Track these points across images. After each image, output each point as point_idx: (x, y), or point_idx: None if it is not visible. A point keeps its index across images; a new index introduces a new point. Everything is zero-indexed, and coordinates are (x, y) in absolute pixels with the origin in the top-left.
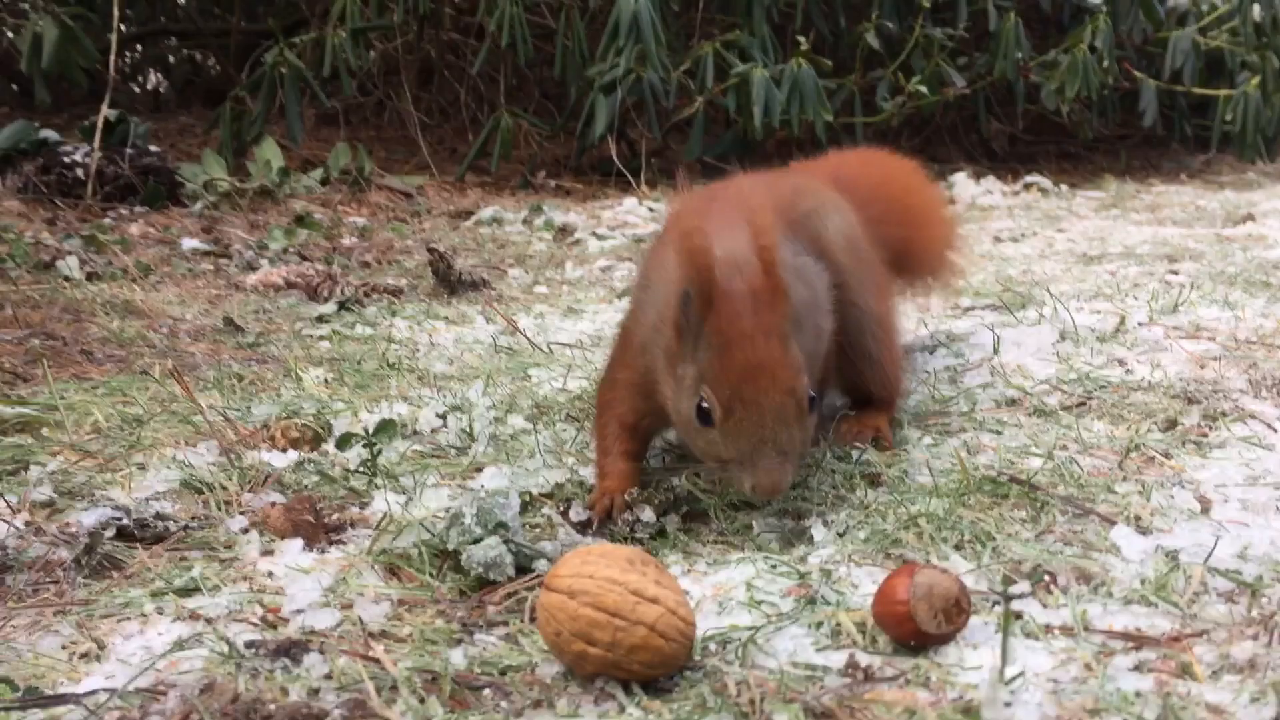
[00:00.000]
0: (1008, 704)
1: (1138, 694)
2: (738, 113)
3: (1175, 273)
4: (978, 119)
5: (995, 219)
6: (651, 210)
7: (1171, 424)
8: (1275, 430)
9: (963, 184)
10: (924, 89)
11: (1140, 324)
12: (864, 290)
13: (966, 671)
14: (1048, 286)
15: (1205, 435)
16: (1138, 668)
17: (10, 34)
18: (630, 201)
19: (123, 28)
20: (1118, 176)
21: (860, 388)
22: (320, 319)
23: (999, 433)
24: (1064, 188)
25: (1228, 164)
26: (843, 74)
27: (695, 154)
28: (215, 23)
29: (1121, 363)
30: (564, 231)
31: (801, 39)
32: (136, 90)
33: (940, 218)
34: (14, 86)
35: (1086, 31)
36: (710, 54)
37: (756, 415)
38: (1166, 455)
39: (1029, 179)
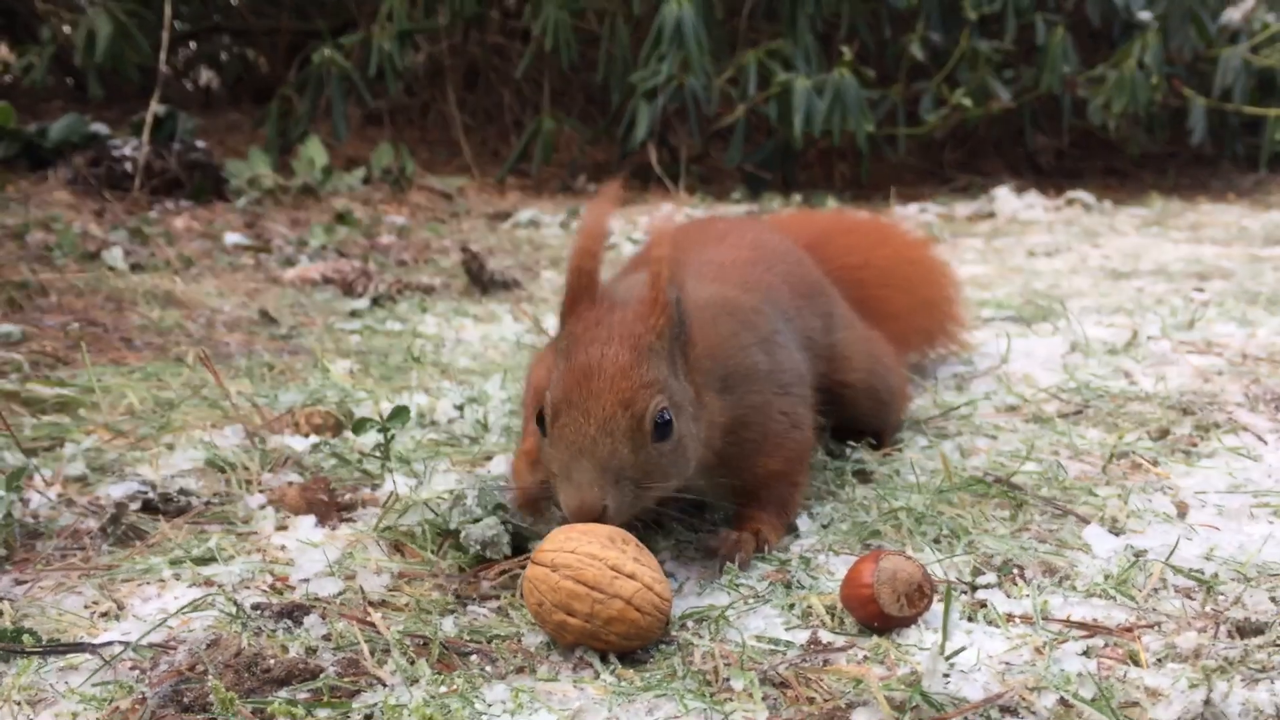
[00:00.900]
0: (946, 675)
1: (1079, 674)
2: (779, 121)
3: (1201, 290)
4: (1024, 133)
5: (1033, 233)
6: (688, 217)
7: (1164, 433)
8: (1265, 442)
9: (1004, 198)
10: (968, 101)
11: (1150, 338)
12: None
13: (922, 651)
14: (1063, 300)
15: (1195, 445)
16: (1086, 653)
17: (67, 28)
18: (668, 207)
19: (176, 24)
20: (1164, 194)
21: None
22: (353, 314)
23: (994, 437)
24: (1108, 204)
25: (1278, 184)
26: (887, 85)
27: (736, 161)
28: (266, 21)
29: (1127, 374)
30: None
31: (845, 49)
32: (188, 86)
33: (941, 283)
34: (68, 80)
35: (1136, 47)
36: (753, 62)
37: (581, 422)
38: (1154, 462)
39: (1072, 194)
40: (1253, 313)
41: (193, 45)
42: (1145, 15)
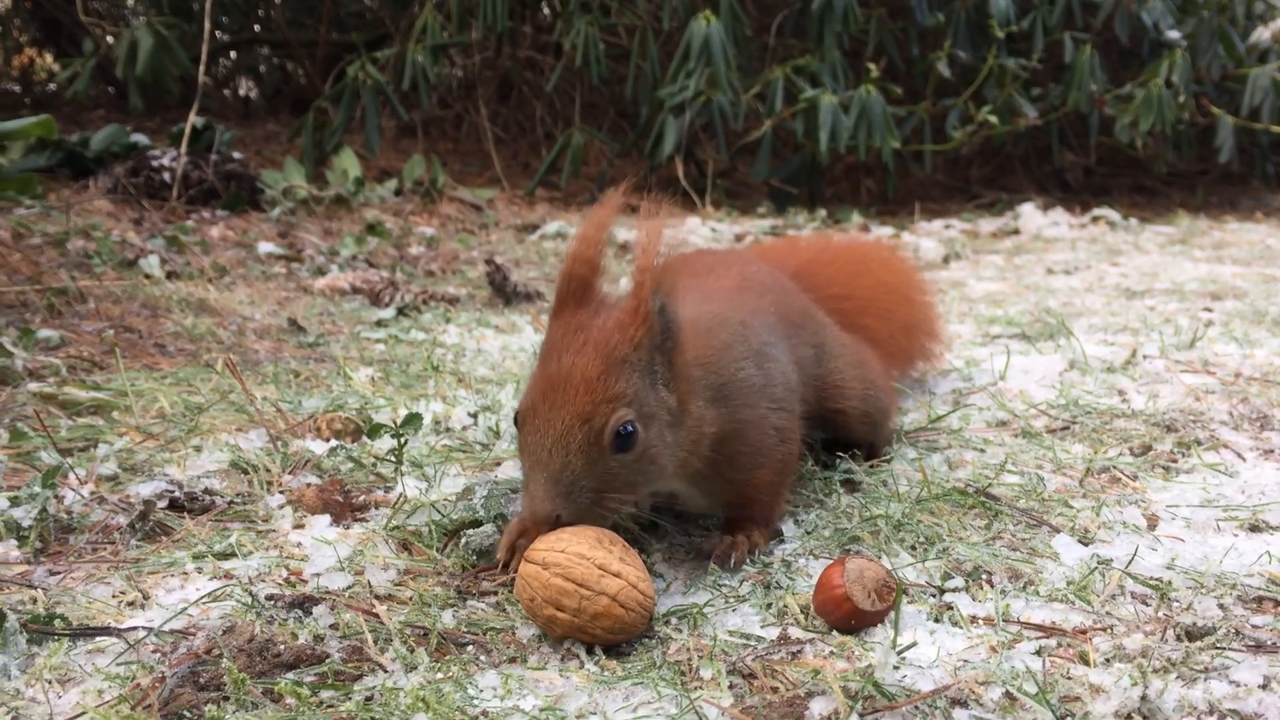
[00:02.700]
0: (897, 668)
1: (1026, 670)
2: (805, 137)
3: (1210, 310)
4: (1051, 150)
5: (1055, 251)
6: (714, 231)
7: (1146, 449)
8: (1244, 459)
9: (1029, 215)
10: (995, 119)
11: (1146, 357)
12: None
13: (884, 649)
14: (1063, 319)
15: (1175, 461)
16: (1038, 652)
17: (110, 39)
18: (693, 221)
19: (217, 34)
20: (1192, 212)
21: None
22: (379, 323)
23: (982, 450)
24: (1133, 222)
25: None
26: (914, 101)
27: (762, 176)
28: (305, 33)
29: (1121, 392)
30: (624, 248)
31: (872, 66)
32: (228, 95)
33: (920, 305)
34: (110, 89)
35: (1164, 66)
36: (780, 78)
37: (541, 434)
38: (1133, 477)
39: (1097, 212)
40: (1255, 333)
41: (233, 55)
42: (1174, 34)
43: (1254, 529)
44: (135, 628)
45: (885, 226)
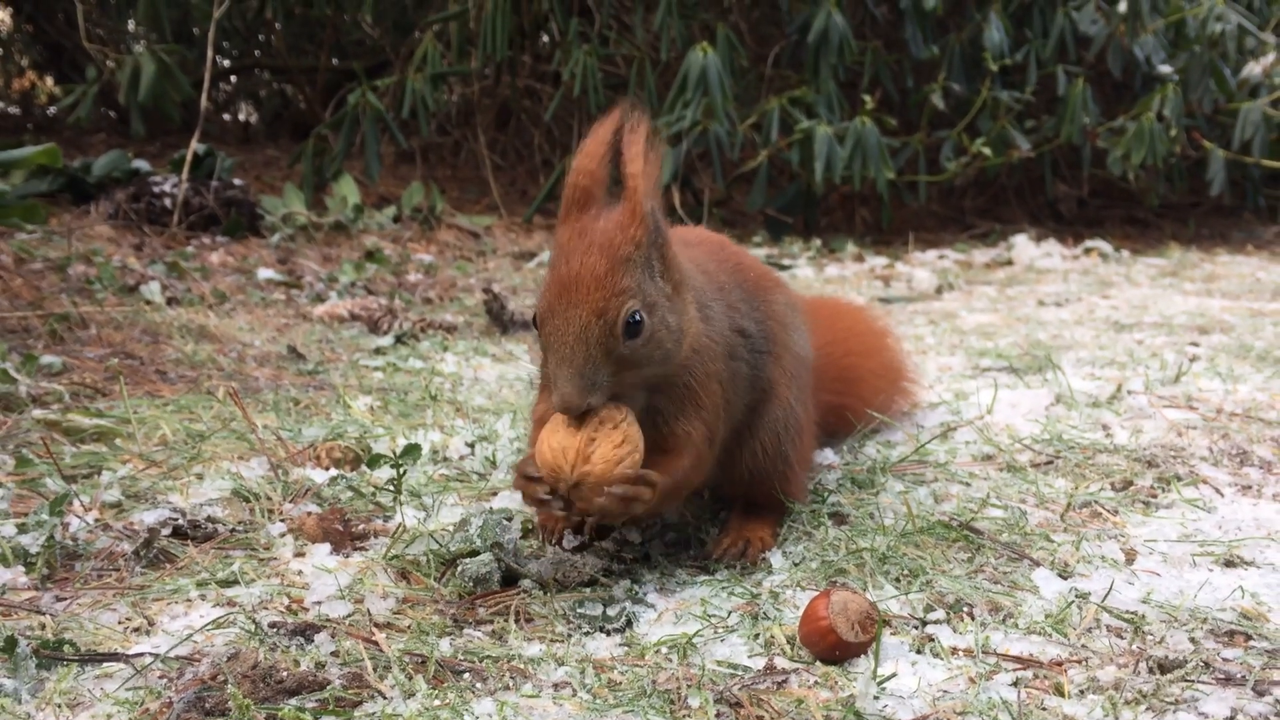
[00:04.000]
0: (877, 697)
1: (1003, 701)
2: (800, 167)
3: (1196, 344)
4: (1044, 181)
5: (1047, 282)
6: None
7: (1126, 484)
8: (1222, 495)
9: (1022, 246)
10: (988, 150)
11: (1131, 392)
12: (792, 386)
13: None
14: (1050, 353)
15: (1155, 495)
16: (1015, 684)
17: (112, 64)
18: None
19: (219, 59)
20: (1184, 245)
21: (756, 489)
22: (377, 351)
23: (967, 484)
24: (1125, 254)
25: None
26: (909, 132)
27: (758, 205)
28: (306, 60)
29: (1105, 427)
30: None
31: (867, 97)
32: (228, 119)
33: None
34: (111, 114)
35: (1156, 99)
36: (776, 109)
37: (562, 331)
38: (1114, 512)
39: (1090, 243)
40: (1240, 368)
41: (233, 80)
42: (1166, 68)
43: (1229, 564)
44: (142, 654)
45: (879, 256)
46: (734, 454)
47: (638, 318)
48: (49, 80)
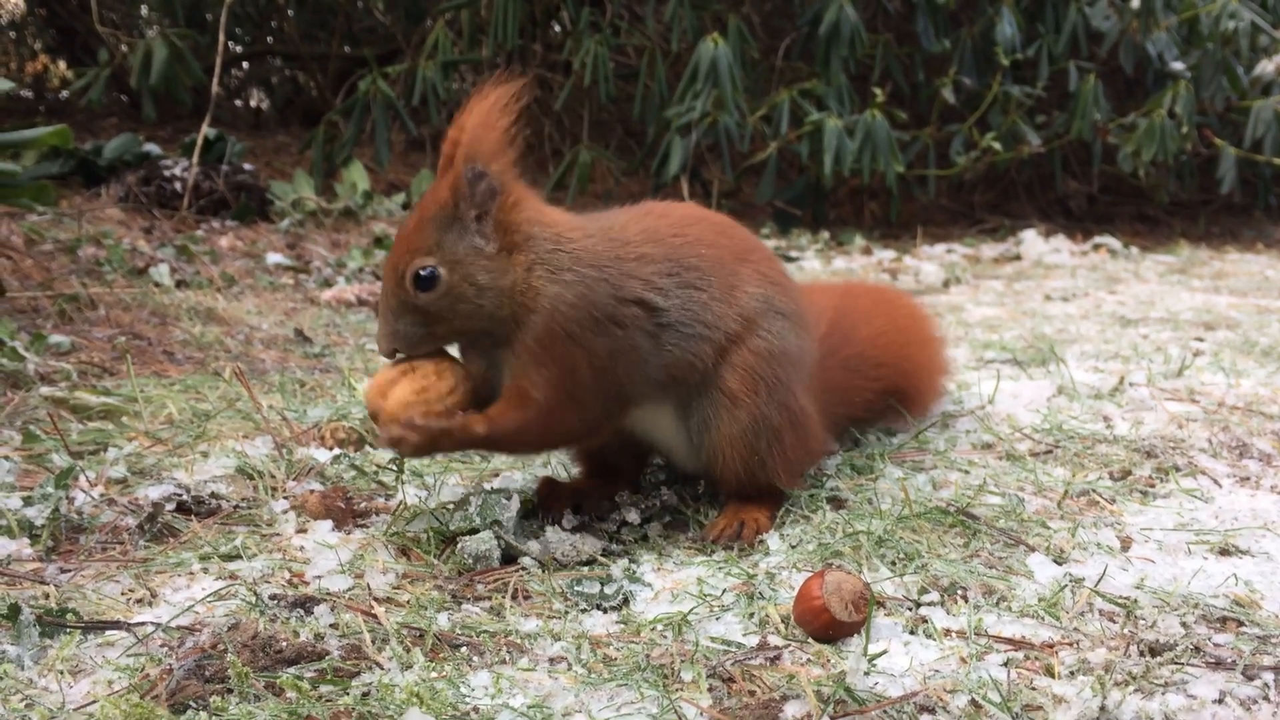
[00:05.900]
0: (868, 673)
1: (993, 681)
2: (810, 159)
3: (1201, 340)
4: (1054, 177)
5: (1055, 277)
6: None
7: (1125, 474)
8: (1220, 485)
9: (1031, 241)
10: (998, 145)
11: (1133, 385)
12: (759, 388)
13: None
14: (1055, 345)
15: (1153, 485)
16: (1006, 664)
17: (125, 48)
18: None
19: (231, 45)
20: (1193, 242)
21: (752, 477)
22: None
23: (966, 471)
24: (1134, 250)
25: None
26: (919, 126)
27: (766, 197)
28: (317, 46)
29: (1106, 418)
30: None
31: (878, 90)
32: (239, 105)
33: (931, 344)
34: (123, 98)
35: (1167, 96)
36: (786, 101)
37: (383, 283)
38: (1111, 500)
39: (1098, 240)
40: (1244, 363)
41: (245, 66)
42: (1178, 65)
43: (1224, 552)
44: (144, 623)
45: (888, 250)
46: (701, 453)
47: (427, 272)
48: (61, 64)
